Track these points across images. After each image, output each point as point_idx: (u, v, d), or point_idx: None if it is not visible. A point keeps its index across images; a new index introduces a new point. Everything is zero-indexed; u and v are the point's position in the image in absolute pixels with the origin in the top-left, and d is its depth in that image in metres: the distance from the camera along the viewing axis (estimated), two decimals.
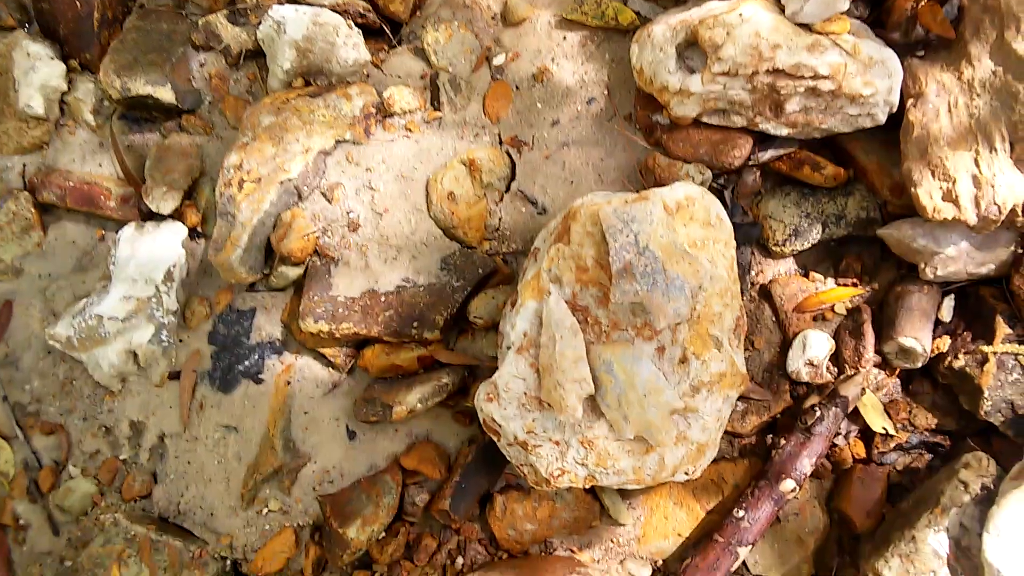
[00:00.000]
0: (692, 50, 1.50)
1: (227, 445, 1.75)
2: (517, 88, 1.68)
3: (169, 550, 1.69)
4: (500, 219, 1.66)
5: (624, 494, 1.60)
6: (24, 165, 1.93)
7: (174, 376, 1.78)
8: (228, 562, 1.74)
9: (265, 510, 1.73)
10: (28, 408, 1.87)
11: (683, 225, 1.39)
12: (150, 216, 1.82)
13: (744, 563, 1.56)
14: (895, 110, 1.45)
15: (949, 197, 1.39)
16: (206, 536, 1.75)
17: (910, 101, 1.44)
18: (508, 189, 1.67)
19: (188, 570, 1.69)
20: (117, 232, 1.80)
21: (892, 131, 1.47)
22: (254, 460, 1.73)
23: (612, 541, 1.62)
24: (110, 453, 1.81)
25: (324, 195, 1.67)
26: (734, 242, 1.43)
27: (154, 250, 1.74)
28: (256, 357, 1.75)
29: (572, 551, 1.63)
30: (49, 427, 1.84)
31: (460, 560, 1.65)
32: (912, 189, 1.41)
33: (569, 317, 1.36)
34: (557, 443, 1.42)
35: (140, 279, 1.73)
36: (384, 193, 1.66)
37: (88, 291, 1.83)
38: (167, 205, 1.77)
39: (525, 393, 1.40)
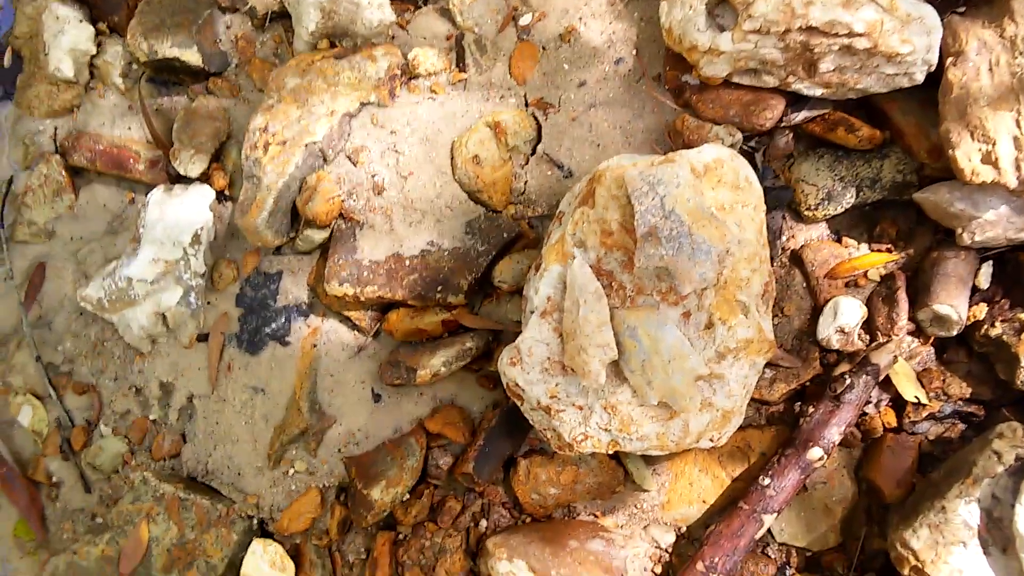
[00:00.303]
0: (723, 7, 1.45)
1: (254, 406, 1.76)
2: (544, 49, 1.65)
3: (197, 508, 1.71)
4: (525, 182, 1.64)
5: (648, 460, 1.59)
6: (55, 128, 1.95)
7: (202, 338, 1.80)
8: (255, 521, 1.76)
9: (291, 471, 1.75)
10: (61, 368, 1.90)
11: (711, 188, 1.36)
12: (178, 179, 1.83)
13: (769, 531, 1.54)
14: (934, 69, 1.40)
15: (988, 159, 1.34)
16: (233, 495, 1.78)
17: (949, 60, 1.39)
18: (534, 152, 1.65)
19: (215, 528, 1.71)
20: (146, 195, 1.81)
21: (930, 91, 1.42)
22: (281, 421, 1.74)
23: (636, 507, 1.61)
24: (140, 413, 1.84)
25: (349, 158, 1.66)
26: (763, 206, 1.39)
27: (182, 213, 1.75)
28: (283, 320, 1.75)
29: (595, 516, 1.62)
30: (81, 387, 1.87)
31: (484, 523, 1.65)
32: (950, 151, 1.36)
33: (593, 281, 1.34)
34: (580, 408, 1.40)
35: (168, 242, 1.74)
36: (409, 156, 1.65)
37: (119, 253, 1.85)
38: (195, 168, 1.77)
39: (548, 358, 1.39)
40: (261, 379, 1.76)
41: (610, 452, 1.45)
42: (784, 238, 1.58)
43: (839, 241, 1.57)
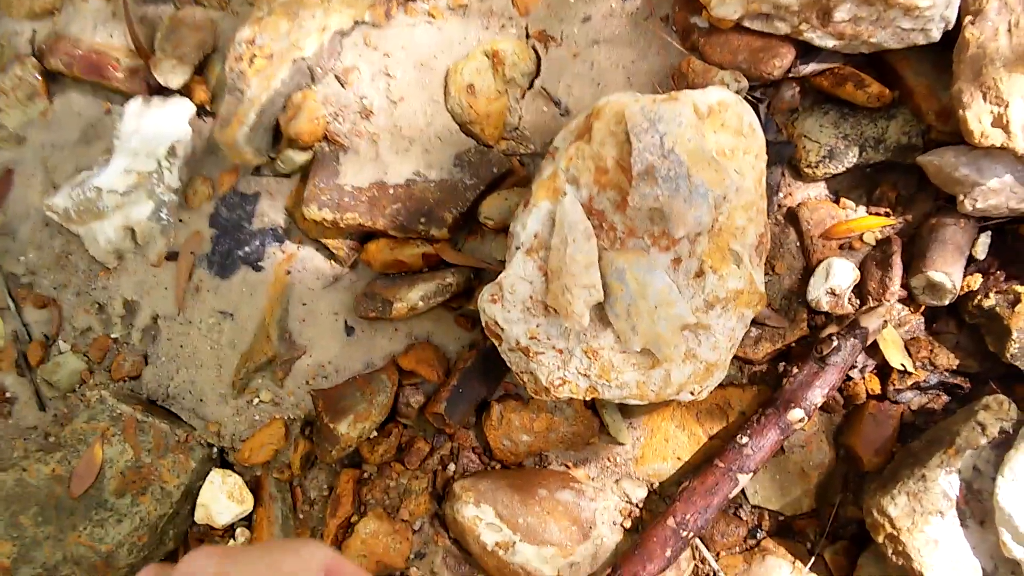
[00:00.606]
0: None
1: (221, 331, 1.70)
2: None
3: (155, 432, 1.65)
4: (520, 118, 1.58)
5: (625, 413, 1.55)
6: (34, 31, 1.86)
7: (172, 257, 1.73)
8: (215, 449, 1.70)
9: (256, 400, 1.69)
10: (22, 280, 1.82)
11: (713, 131, 1.31)
12: (158, 91, 1.75)
13: (743, 493, 1.50)
14: (951, 27, 1.36)
15: (999, 122, 1.30)
16: (194, 422, 1.71)
17: (968, 18, 1.35)
18: (531, 87, 1.59)
19: (173, 454, 1.65)
20: (123, 106, 1.73)
21: (944, 53, 1.38)
22: (248, 348, 1.68)
23: (609, 460, 1.57)
24: (102, 331, 1.77)
25: (338, 78, 1.59)
26: (765, 155, 1.35)
27: (159, 125, 1.67)
28: (257, 244, 1.69)
29: (567, 467, 1.58)
30: (42, 300, 1.80)
31: (452, 467, 1.61)
32: (960, 112, 1.32)
33: (584, 220, 1.29)
34: (560, 351, 1.35)
35: (143, 153, 1.66)
36: (401, 81, 1.58)
37: (91, 165, 1.77)
38: (176, 79, 1.69)
39: (531, 297, 1.34)
40: (230, 303, 1.69)
41: (587, 399, 1.41)
42: (781, 195, 1.54)
43: (837, 202, 1.52)
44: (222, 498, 1.65)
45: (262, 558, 0.57)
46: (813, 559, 1.45)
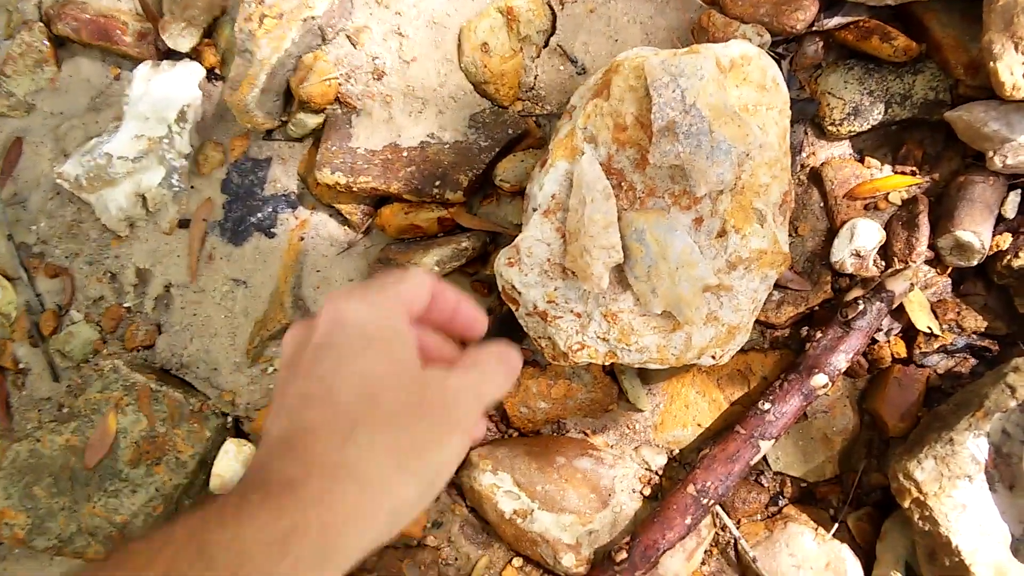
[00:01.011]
0: None
1: (235, 299, 1.68)
2: None
3: (169, 401, 1.63)
4: (536, 77, 1.55)
5: (644, 379, 1.52)
6: None
7: (184, 224, 1.71)
8: (229, 418, 1.68)
9: (270, 369, 1.67)
10: (33, 249, 1.80)
11: (735, 86, 1.27)
12: (167, 56, 1.72)
13: (764, 459, 1.48)
14: None
15: None
16: (208, 391, 1.70)
17: None
18: (547, 44, 1.55)
19: (187, 423, 1.64)
20: (132, 71, 1.71)
21: (973, 3, 1.33)
22: (262, 316, 1.66)
23: (628, 427, 1.54)
24: (114, 300, 1.75)
25: (349, 38, 1.56)
26: (788, 111, 1.31)
27: (169, 89, 1.65)
28: (270, 210, 1.66)
29: (585, 434, 1.56)
30: (54, 270, 1.78)
31: None
32: (991, 64, 1.28)
33: (602, 179, 1.25)
34: (579, 315, 1.33)
35: (152, 118, 1.64)
36: (414, 40, 1.55)
37: (100, 132, 1.75)
38: (185, 42, 1.66)
39: (548, 259, 1.31)
40: (244, 271, 1.67)
41: (606, 364, 1.38)
42: (804, 154, 1.50)
43: (862, 161, 1.49)
44: (237, 468, 1.64)
45: (384, 286, 0.66)
46: (836, 526, 1.42)
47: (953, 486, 1.27)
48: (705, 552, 1.47)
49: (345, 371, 0.61)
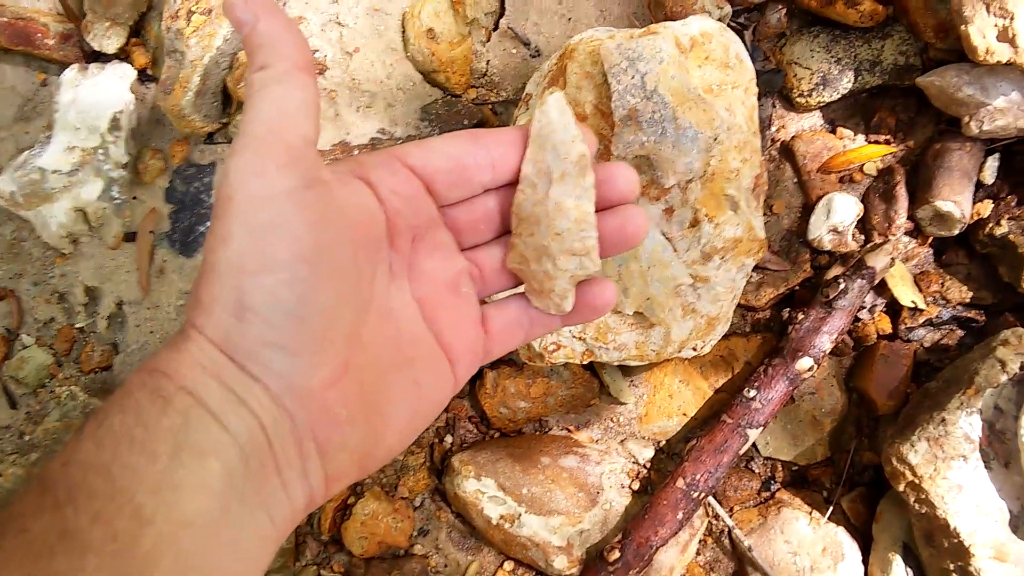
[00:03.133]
0: None
1: None
2: None
3: None
4: (488, 62, 1.46)
5: (625, 371, 1.47)
6: None
7: (130, 238, 1.62)
8: None
9: None
10: None
11: (698, 66, 1.19)
12: (95, 57, 1.61)
13: (754, 445, 1.44)
14: None
15: (1005, 36, 1.19)
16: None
17: None
18: (496, 27, 1.45)
19: None
20: (60, 76, 1.60)
21: None
22: None
23: (612, 420, 1.50)
24: (65, 321, 1.67)
25: None
26: (755, 88, 1.24)
27: (98, 95, 1.54)
28: None
29: (569, 431, 1.51)
30: None
31: (449, 439, 1.53)
32: (962, 27, 1.21)
33: (578, 141, 1.15)
34: None
35: (83, 127, 1.54)
36: (354, 29, 1.45)
37: (33, 143, 1.64)
38: (111, 43, 1.56)
39: None
40: None
41: (584, 363, 1.33)
42: (774, 128, 1.43)
43: (833, 132, 1.42)
44: None
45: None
46: (831, 509, 1.39)
47: (948, 467, 1.24)
48: (699, 542, 1.44)
49: None
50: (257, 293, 0.50)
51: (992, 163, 1.35)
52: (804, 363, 1.33)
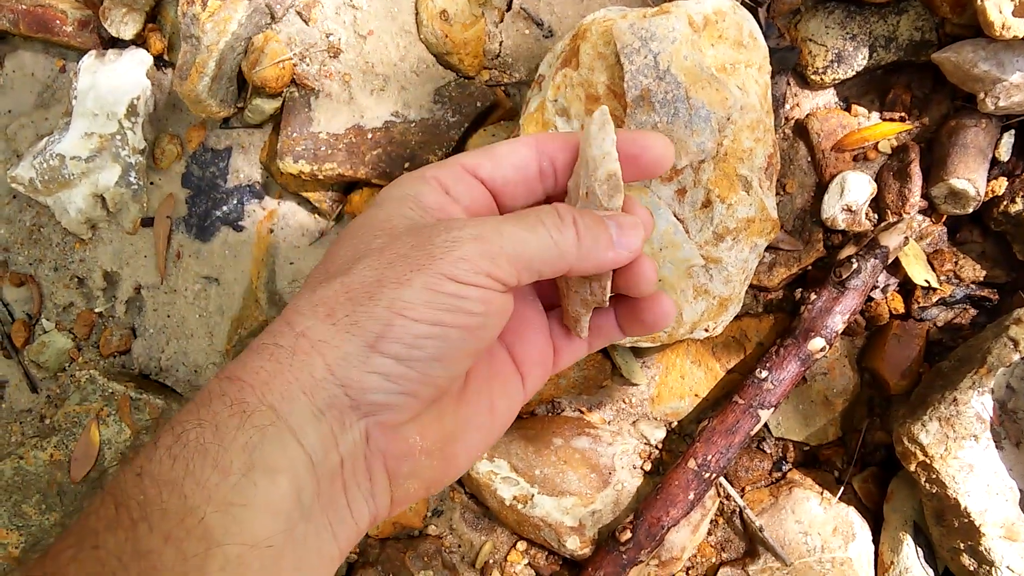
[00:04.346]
0: None
1: (208, 297, 1.62)
2: None
3: (150, 408, 1.59)
4: (501, 43, 1.46)
5: (637, 352, 1.47)
6: None
7: (147, 223, 1.64)
8: None
9: None
10: None
11: (710, 45, 1.19)
12: (112, 43, 1.63)
13: (766, 424, 1.44)
14: None
15: (1022, 11, 1.18)
16: (189, 394, 1.65)
17: None
18: (509, 8, 1.46)
19: None
20: (78, 63, 1.61)
21: None
22: (238, 314, 1.60)
23: (624, 402, 1.50)
24: (85, 306, 1.69)
25: (300, 15, 1.47)
26: (768, 66, 1.23)
27: (115, 81, 1.56)
28: (235, 202, 1.59)
29: (581, 412, 1.52)
30: (18, 278, 1.71)
31: None
32: (979, 2, 1.20)
33: (614, 161, 1.18)
34: None
35: (101, 113, 1.55)
36: (368, 12, 1.45)
37: (51, 129, 1.67)
38: (128, 29, 1.57)
39: None
40: (214, 268, 1.61)
41: None
42: (788, 106, 1.42)
43: (848, 110, 1.41)
44: None
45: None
46: (842, 488, 1.39)
47: (959, 447, 1.23)
48: (711, 523, 1.44)
49: (340, 248, 0.57)
50: (406, 336, 0.51)
51: (1008, 140, 1.34)
52: (816, 344, 1.33)
